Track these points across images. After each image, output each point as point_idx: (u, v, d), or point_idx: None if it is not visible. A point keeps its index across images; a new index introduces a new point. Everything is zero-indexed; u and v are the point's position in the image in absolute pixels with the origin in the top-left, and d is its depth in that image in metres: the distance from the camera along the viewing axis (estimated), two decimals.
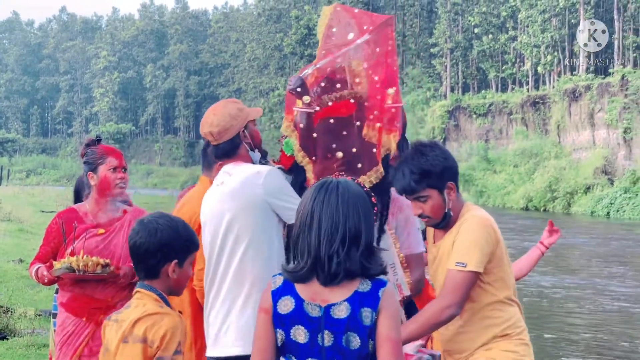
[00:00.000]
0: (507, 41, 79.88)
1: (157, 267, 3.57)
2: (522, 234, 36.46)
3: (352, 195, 3.12)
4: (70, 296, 5.24)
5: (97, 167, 5.31)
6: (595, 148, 56.99)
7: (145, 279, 3.61)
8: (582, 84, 59.46)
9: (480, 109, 73.13)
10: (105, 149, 5.39)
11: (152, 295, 3.58)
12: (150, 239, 3.53)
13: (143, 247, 3.54)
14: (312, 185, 3.23)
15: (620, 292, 19.69)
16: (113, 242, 5.27)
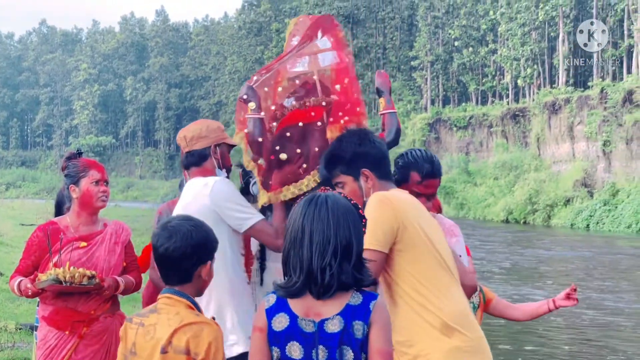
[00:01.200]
0: (487, 54, 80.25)
1: (191, 271, 3.57)
2: (503, 246, 36.60)
3: (342, 209, 3.14)
4: (53, 309, 5.21)
5: (79, 180, 5.31)
6: (574, 161, 57.23)
7: (178, 284, 3.58)
8: (562, 97, 59.76)
9: (461, 121, 73.39)
10: (88, 162, 5.40)
11: (184, 301, 3.56)
12: (187, 242, 3.51)
13: (179, 251, 3.51)
14: (300, 200, 3.23)
15: (603, 304, 19.76)
16: (95, 255, 5.26)
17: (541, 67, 72.44)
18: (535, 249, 36.31)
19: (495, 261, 29.50)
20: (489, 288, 5.83)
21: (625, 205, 48.18)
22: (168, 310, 3.53)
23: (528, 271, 27.18)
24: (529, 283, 23.49)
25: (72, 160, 5.46)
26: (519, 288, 22.00)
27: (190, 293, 3.58)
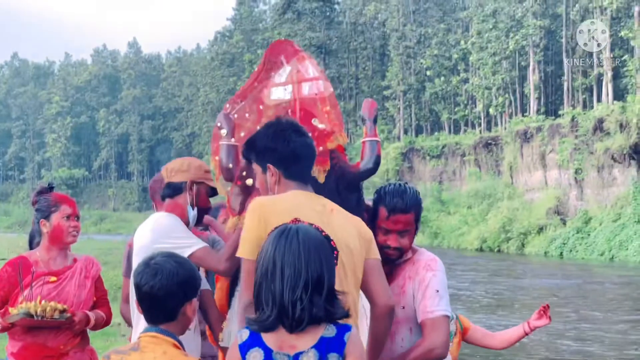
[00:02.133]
0: (459, 83, 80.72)
1: (177, 309, 3.48)
2: (481, 275, 36.65)
3: (313, 241, 3.12)
4: (22, 345, 5.17)
5: (50, 214, 5.30)
6: (547, 189, 57.51)
7: (163, 323, 3.47)
8: (533, 125, 60.15)
9: (434, 150, 73.61)
10: (59, 197, 5.39)
11: (170, 341, 3.45)
12: (172, 280, 3.43)
13: (164, 289, 3.41)
14: (271, 233, 3.20)
15: (574, 334, 19.81)
16: (65, 290, 5.24)
17: (512, 96, 72.95)
18: (514, 277, 36.47)
19: (475, 290, 29.53)
20: (469, 318, 5.84)
21: (597, 233, 48.42)
22: (154, 349, 3.40)
23: (508, 300, 27.22)
24: (509, 312, 23.52)
25: (43, 194, 5.44)
26: (500, 318, 22.02)
27: (175, 331, 3.49)
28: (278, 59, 5.13)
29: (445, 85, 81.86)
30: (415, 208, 4.42)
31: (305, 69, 5.10)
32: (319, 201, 4.08)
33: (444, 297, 4.19)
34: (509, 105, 72.89)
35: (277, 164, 4.05)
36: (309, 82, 5.07)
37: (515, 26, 69.03)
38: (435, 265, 4.33)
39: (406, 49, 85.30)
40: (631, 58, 55.86)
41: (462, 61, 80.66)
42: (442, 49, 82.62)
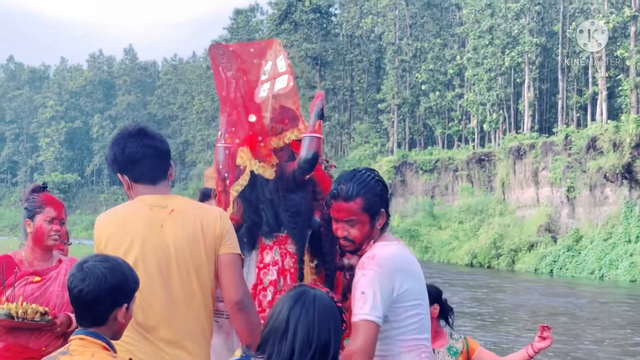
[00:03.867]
0: (453, 98, 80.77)
1: (106, 314, 3.39)
2: (468, 290, 36.65)
3: (328, 310, 3.18)
4: (3, 346, 5.15)
5: (34, 215, 5.29)
6: (539, 206, 57.55)
7: (91, 327, 3.40)
8: (527, 142, 60.23)
9: (427, 165, 73.62)
10: (46, 198, 5.35)
11: (99, 343, 3.38)
12: (100, 285, 3.34)
13: (92, 294, 3.34)
14: (289, 293, 3.24)
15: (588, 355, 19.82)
16: (49, 290, 5.23)
17: (507, 112, 73.04)
18: (508, 294, 36.46)
19: (469, 307, 29.52)
20: (471, 336, 5.88)
21: (588, 252, 48.48)
22: (82, 352, 3.33)
23: (497, 316, 27.22)
24: (504, 330, 23.51)
25: (35, 193, 5.41)
26: (499, 335, 22.03)
27: (105, 335, 3.42)
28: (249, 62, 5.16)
29: (440, 100, 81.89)
30: (361, 196, 4.11)
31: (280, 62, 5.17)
32: (162, 202, 4.19)
33: (369, 300, 3.91)
34: (503, 121, 72.96)
35: (122, 171, 4.23)
36: (280, 77, 5.14)
37: (512, 43, 69.18)
38: (370, 263, 4.03)
39: (402, 62, 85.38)
40: (626, 78, 55.95)
41: (458, 76, 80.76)
42: (437, 63, 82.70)
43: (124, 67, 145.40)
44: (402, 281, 4.00)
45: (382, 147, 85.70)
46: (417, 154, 78.46)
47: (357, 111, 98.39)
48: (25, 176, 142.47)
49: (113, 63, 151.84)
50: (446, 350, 5.78)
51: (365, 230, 4.14)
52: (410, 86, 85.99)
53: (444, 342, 5.83)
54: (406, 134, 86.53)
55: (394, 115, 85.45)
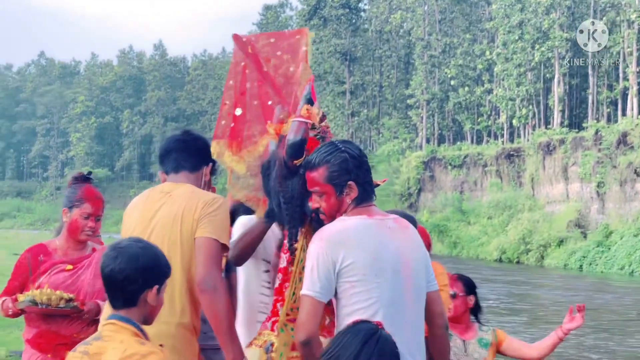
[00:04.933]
0: (482, 94, 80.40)
1: (136, 295, 3.40)
2: (503, 285, 36.54)
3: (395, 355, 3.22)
4: (36, 332, 5.25)
5: (72, 207, 5.35)
6: (568, 201, 57.23)
7: (122, 308, 3.42)
8: (557, 138, 59.88)
9: (456, 160, 73.38)
10: (88, 193, 5.41)
11: (129, 328, 3.39)
12: (132, 264, 3.36)
13: (123, 273, 3.36)
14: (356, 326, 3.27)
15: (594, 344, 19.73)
16: (80, 279, 5.30)
17: (536, 108, 72.63)
18: (545, 289, 36.30)
19: (500, 301, 29.43)
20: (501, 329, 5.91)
21: (618, 247, 48.13)
22: (113, 338, 3.36)
23: (526, 310, 27.13)
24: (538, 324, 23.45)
25: (77, 182, 5.50)
26: (531, 330, 21.99)
27: (136, 319, 3.42)
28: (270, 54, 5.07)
29: (469, 96, 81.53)
30: (323, 166, 4.07)
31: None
32: (169, 188, 4.48)
33: (307, 274, 3.91)
34: (532, 117, 72.57)
35: (159, 164, 4.71)
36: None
37: (542, 38, 68.74)
38: (315, 238, 4.02)
39: (431, 58, 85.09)
40: None
41: (487, 72, 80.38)
42: (467, 59, 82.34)
43: (153, 63, 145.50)
44: (347, 255, 3.87)
45: (410, 142, 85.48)
46: (446, 150, 78.24)
47: (385, 107, 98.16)
48: (56, 171, 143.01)
49: (143, 59, 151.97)
50: (477, 342, 5.80)
51: (332, 202, 4.08)
52: (439, 81, 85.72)
53: (473, 334, 5.84)
54: (435, 129, 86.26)
55: (423, 110, 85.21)
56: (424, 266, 4.13)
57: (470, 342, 5.78)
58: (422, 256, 4.14)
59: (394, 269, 3.94)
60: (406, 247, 4.05)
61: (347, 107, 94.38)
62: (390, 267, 3.93)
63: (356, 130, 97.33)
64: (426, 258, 4.18)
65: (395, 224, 4.09)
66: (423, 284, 4.09)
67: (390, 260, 3.94)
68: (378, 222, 4.03)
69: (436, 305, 4.17)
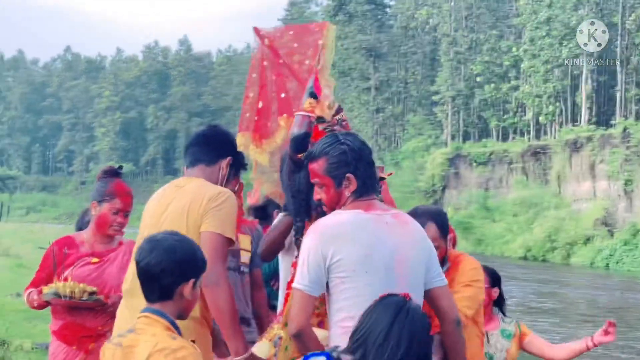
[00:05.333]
0: (509, 90, 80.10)
1: (172, 288, 3.38)
2: (531, 284, 36.40)
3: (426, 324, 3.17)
4: (62, 324, 5.27)
5: (102, 201, 5.39)
6: (595, 199, 56.96)
7: (157, 302, 3.40)
8: (584, 135, 59.59)
9: (481, 157, 73.18)
10: (118, 189, 5.48)
11: (162, 322, 3.37)
12: (168, 257, 3.34)
13: (159, 265, 3.33)
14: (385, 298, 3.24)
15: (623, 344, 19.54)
16: (106, 272, 5.32)
17: (563, 105, 72.29)
18: (566, 287, 36.16)
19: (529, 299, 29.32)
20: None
21: None
22: (146, 331, 3.36)
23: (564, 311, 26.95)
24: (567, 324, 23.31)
25: (108, 176, 5.54)
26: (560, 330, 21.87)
27: (171, 313, 3.41)
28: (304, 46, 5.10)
29: (495, 92, 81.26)
30: (322, 157, 4.08)
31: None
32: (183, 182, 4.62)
33: (298, 268, 3.94)
34: (559, 114, 72.25)
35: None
36: None
37: (569, 34, 68.35)
38: (309, 231, 4.06)
39: (457, 54, 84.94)
40: None
41: (513, 68, 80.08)
42: (493, 55, 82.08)
43: (178, 58, 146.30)
44: (337, 250, 3.84)
45: (436, 139, 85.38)
46: (471, 146, 78.06)
47: (411, 103, 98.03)
48: (81, 165, 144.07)
49: (168, 54, 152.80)
50: (499, 333, 5.80)
51: (331, 194, 4.07)
52: (465, 78, 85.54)
53: (496, 325, 5.84)
54: (460, 126, 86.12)
55: (448, 107, 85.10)
56: (426, 262, 4.07)
57: (493, 334, 5.78)
58: (423, 252, 4.07)
59: (388, 265, 3.89)
60: (404, 243, 3.98)
61: (372, 103, 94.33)
62: (383, 263, 3.88)
63: (381, 126, 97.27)
64: (429, 253, 4.11)
65: (393, 219, 4.03)
66: (421, 280, 4.03)
67: (384, 257, 3.89)
68: (374, 217, 3.98)
69: (444, 300, 4.11)
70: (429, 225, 4.69)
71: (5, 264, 25.51)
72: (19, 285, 19.56)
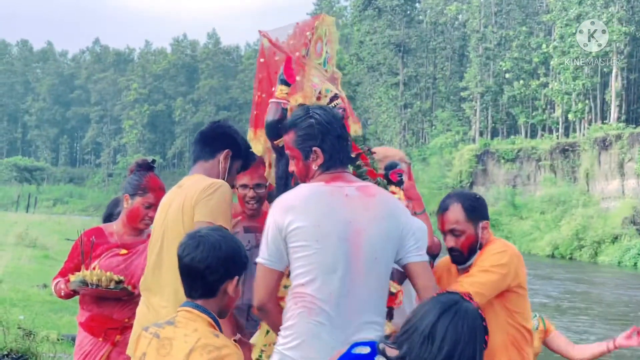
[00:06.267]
0: (538, 87, 79.76)
1: (216, 285, 3.37)
2: (548, 281, 36.22)
3: (477, 327, 3.04)
4: (89, 316, 5.32)
5: (135, 195, 5.41)
6: (624, 198, 56.65)
7: (200, 298, 3.38)
8: (613, 133, 59.25)
9: (509, 154, 72.95)
10: (152, 183, 5.46)
11: (205, 318, 3.35)
12: (214, 253, 3.32)
13: (205, 262, 3.31)
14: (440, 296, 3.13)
15: None
16: (134, 264, 5.35)
17: (593, 102, 71.91)
18: (598, 287, 36.01)
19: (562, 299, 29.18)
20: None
21: None
22: (186, 325, 3.34)
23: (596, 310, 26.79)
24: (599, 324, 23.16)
25: (141, 170, 5.52)
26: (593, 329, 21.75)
27: (213, 310, 3.40)
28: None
29: (523, 89, 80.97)
30: (291, 130, 4.15)
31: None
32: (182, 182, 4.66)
33: (262, 243, 3.98)
34: (588, 111, 71.88)
35: None
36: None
37: None
38: (272, 205, 4.10)
39: (486, 50, 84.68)
40: None
41: (543, 65, 79.75)
42: (522, 52, 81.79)
43: (207, 52, 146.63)
44: (292, 220, 3.87)
45: (464, 135, 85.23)
46: (499, 143, 77.88)
47: (439, 99, 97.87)
48: (109, 158, 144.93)
49: (196, 47, 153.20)
50: None
51: (300, 167, 4.14)
52: (493, 74, 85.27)
53: None
54: (488, 122, 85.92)
55: (477, 103, 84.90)
56: (396, 236, 4.02)
57: None
58: (390, 225, 4.01)
59: (340, 236, 3.88)
60: (362, 215, 3.96)
61: (400, 98, 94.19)
62: (335, 233, 3.88)
63: (409, 122, 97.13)
64: (402, 227, 4.05)
65: (357, 192, 4.02)
66: (386, 253, 3.99)
67: (337, 227, 3.89)
68: (333, 189, 4.00)
69: (419, 278, 4.07)
70: (454, 206, 4.64)
71: (32, 255, 25.69)
72: (46, 277, 19.70)
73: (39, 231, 35.76)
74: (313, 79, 4.78)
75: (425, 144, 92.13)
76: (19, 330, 11.51)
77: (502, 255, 4.51)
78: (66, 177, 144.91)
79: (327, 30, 5.07)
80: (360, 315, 3.90)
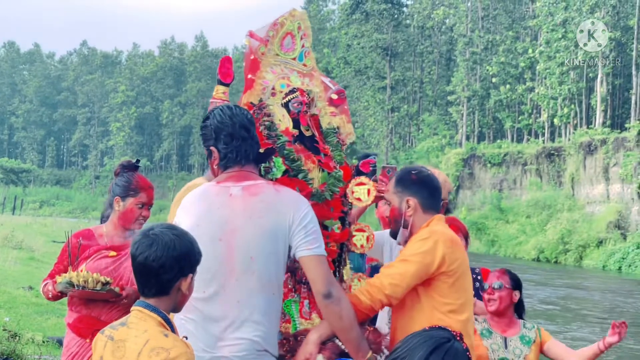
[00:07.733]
0: (524, 92, 79.88)
1: (170, 283, 3.35)
2: (534, 285, 36.31)
3: None
4: (77, 317, 5.33)
5: (127, 196, 5.45)
6: (609, 202, 56.77)
7: (154, 297, 3.37)
8: (598, 138, 59.36)
9: (495, 158, 73.03)
10: (142, 183, 5.51)
11: (155, 317, 3.34)
12: (168, 252, 3.29)
13: (159, 261, 3.28)
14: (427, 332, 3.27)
15: None
16: (123, 265, 5.36)
17: (578, 107, 72.04)
18: (583, 290, 36.11)
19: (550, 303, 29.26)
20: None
21: None
22: (137, 326, 3.33)
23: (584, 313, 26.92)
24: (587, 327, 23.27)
25: (128, 171, 5.56)
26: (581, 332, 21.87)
27: (165, 308, 3.38)
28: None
29: (510, 93, 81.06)
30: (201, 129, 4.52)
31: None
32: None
33: None
34: (574, 116, 72.01)
35: None
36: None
37: None
38: None
39: (473, 55, 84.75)
40: None
41: (529, 70, 79.84)
42: (509, 56, 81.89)
43: (194, 54, 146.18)
44: (181, 220, 4.05)
45: (450, 139, 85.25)
46: (485, 147, 77.91)
47: (426, 103, 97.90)
48: (96, 160, 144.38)
49: (184, 50, 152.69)
50: (518, 338, 5.79)
51: (211, 166, 4.32)
52: (480, 79, 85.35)
53: (516, 330, 5.84)
54: (475, 126, 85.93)
55: (464, 107, 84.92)
56: (274, 234, 4.04)
57: (512, 339, 5.79)
58: (268, 223, 4.04)
59: (214, 236, 3.97)
60: (239, 214, 4.03)
61: (387, 102, 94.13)
62: (208, 235, 3.94)
63: (396, 125, 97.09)
64: (281, 225, 4.07)
65: (241, 192, 4.09)
66: (262, 253, 4.00)
67: (210, 227, 3.98)
68: (219, 189, 4.10)
69: (309, 272, 4.07)
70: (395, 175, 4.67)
71: (17, 257, 25.57)
72: (31, 279, 19.71)
73: (25, 233, 35.59)
74: (266, 75, 4.87)
75: (412, 148, 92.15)
76: (4, 332, 11.54)
77: (423, 243, 4.33)
78: (53, 179, 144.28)
79: (303, 25, 5.12)
80: (237, 314, 3.94)
